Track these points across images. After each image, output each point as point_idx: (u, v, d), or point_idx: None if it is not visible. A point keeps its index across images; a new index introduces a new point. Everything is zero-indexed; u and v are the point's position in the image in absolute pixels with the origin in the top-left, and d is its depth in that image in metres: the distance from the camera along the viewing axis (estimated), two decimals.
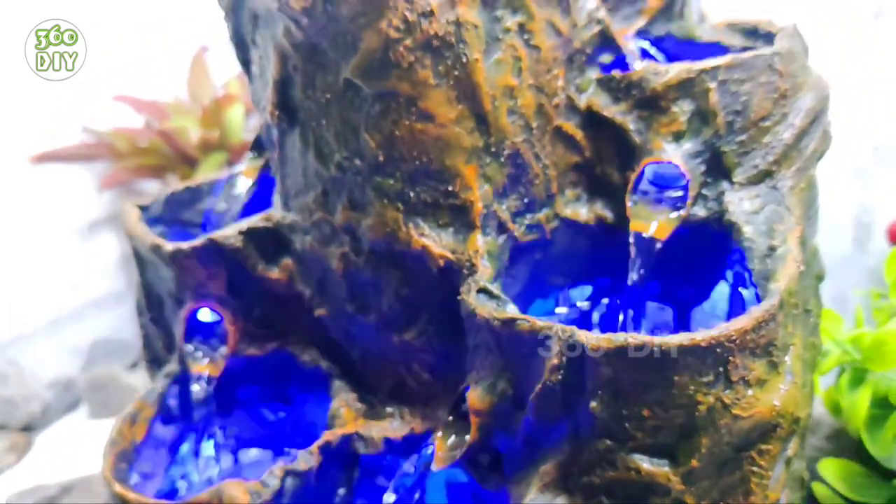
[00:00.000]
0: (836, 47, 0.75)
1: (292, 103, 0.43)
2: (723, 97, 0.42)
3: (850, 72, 0.75)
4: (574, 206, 0.46)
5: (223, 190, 0.61)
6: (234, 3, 0.43)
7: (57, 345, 1.19)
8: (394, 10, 0.38)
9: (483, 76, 0.40)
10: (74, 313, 1.20)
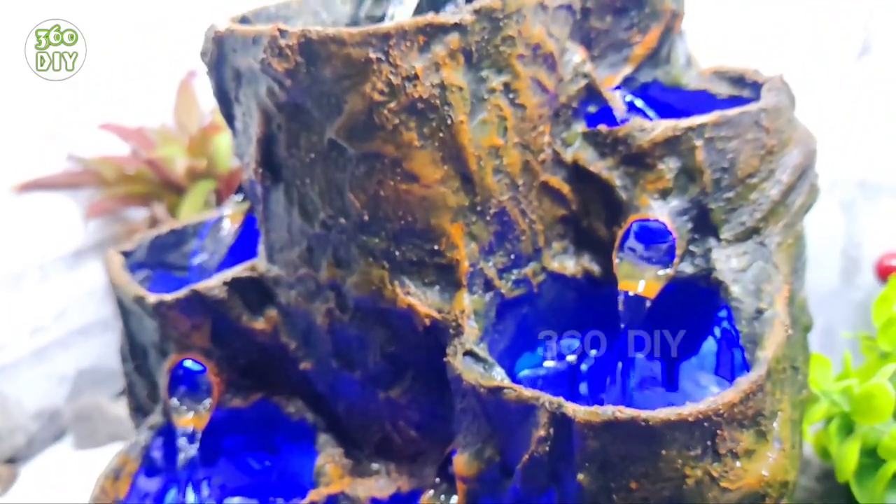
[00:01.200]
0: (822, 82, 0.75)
1: (276, 161, 0.43)
2: (709, 155, 0.42)
3: (837, 106, 0.75)
4: (561, 259, 0.46)
5: (209, 233, 0.61)
6: (216, 60, 0.43)
7: (42, 374, 1.18)
8: (378, 73, 0.37)
9: (468, 137, 0.39)
10: (60, 341, 1.19)
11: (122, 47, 1.20)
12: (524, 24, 0.40)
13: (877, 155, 0.75)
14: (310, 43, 0.37)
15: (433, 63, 0.38)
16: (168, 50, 1.26)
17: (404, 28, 0.37)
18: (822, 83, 0.75)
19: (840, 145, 0.76)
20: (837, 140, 0.76)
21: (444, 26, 0.37)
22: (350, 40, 0.37)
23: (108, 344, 1.20)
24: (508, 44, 0.40)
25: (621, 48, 0.52)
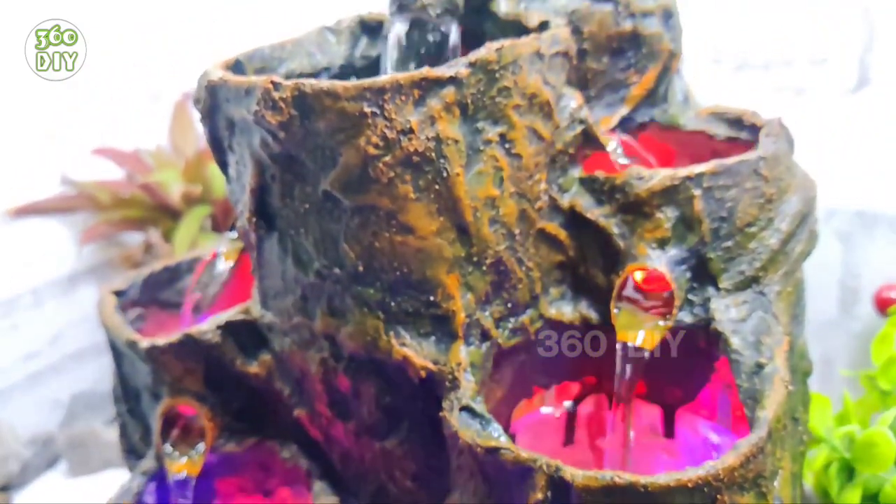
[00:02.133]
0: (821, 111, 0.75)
1: (270, 210, 0.42)
2: (708, 204, 0.42)
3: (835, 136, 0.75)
4: (558, 306, 0.45)
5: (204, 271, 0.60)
6: (209, 108, 0.42)
7: (36, 399, 1.17)
8: (373, 127, 0.37)
9: (464, 189, 0.39)
10: (54, 367, 1.18)
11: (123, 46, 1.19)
12: (520, 74, 0.40)
13: (875, 185, 0.75)
14: (304, 96, 0.37)
15: (428, 116, 0.37)
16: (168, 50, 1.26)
17: (399, 82, 0.36)
18: (821, 113, 0.74)
19: (838, 175, 0.75)
20: (836, 170, 0.75)
21: (439, 80, 0.37)
22: (345, 94, 0.36)
23: (103, 368, 1.19)
24: (504, 95, 0.39)
25: (618, 88, 0.52)
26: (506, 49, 0.39)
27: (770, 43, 0.74)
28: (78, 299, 1.19)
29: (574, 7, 0.49)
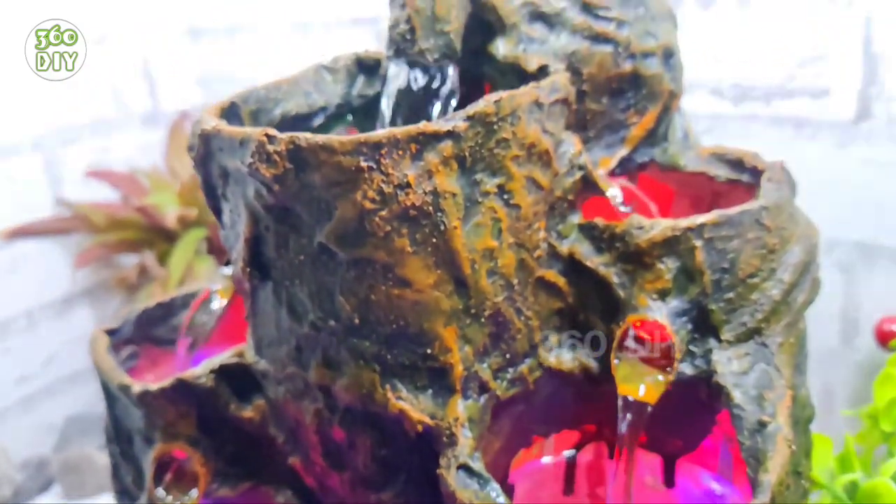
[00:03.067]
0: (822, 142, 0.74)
1: (264, 260, 0.42)
2: (709, 255, 0.41)
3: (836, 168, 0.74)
4: (558, 353, 0.44)
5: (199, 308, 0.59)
6: (202, 156, 0.42)
7: (29, 423, 1.16)
8: (369, 181, 0.36)
9: (462, 242, 0.38)
10: (48, 389, 1.17)
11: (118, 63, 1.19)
12: (519, 125, 0.39)
13: (876, 217, 0.74)
14: (299, 150, 0.36)
15: (426, 171, 0.37)
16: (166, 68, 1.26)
17: (396, 137, 0.36)
18: (822, 143, 0.74)
19: (839, 206, 0.75)
20: (837, 200, 0.75)
21: (437, 134, 0.36)
22: (341, 148, 0.36)
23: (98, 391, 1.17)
24: (503, 146, 0.39)
25: (618, 129, 0.51)
26: (504, 101, 0.38)
27: (770, 75, 0.74)
28: (72, 321, 1.19)
29: (573, 48, 0.48)
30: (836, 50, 0.70)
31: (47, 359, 1.17)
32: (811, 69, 0.72)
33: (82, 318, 1.19)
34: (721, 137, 0.79)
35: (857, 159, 0.73)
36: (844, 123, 0.72)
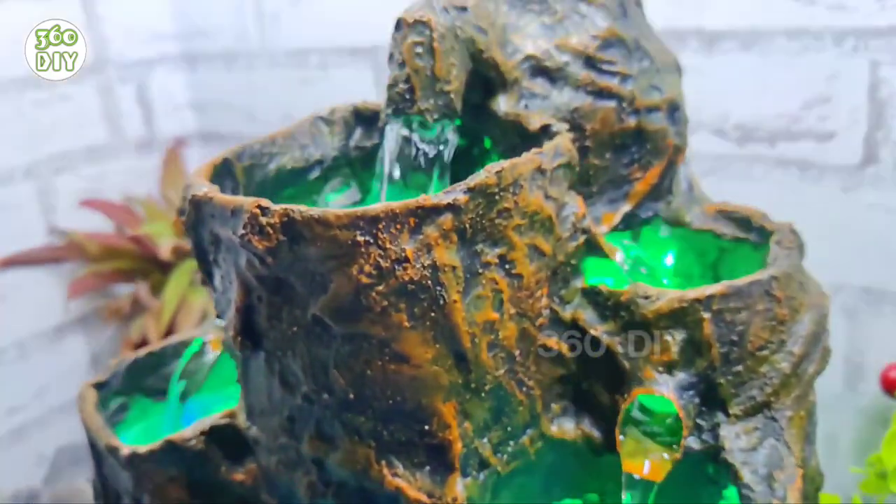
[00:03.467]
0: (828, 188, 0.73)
1: (257, 329, 0.40)
2: (718, 328, 0.40)
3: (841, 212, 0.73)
4: (560, 422, 0.43)
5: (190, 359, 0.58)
6: (194, 222, 0.40)
7: (20, 454, 1.14)
8: (366, 256, 0.35)
9: (462, 316, 0.37)
10: (39, 420, 1.15)
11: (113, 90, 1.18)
12: (521, 194, 0.38)
13: (882, 262, 0.73)
14: (293, 223, 0.35)
15: (425, 244, 0.35)
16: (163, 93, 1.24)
17: (394, 211, 0.35)
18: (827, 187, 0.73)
19: (845, 250, 0.74)
20: (842, 245, 0.74)
21: (436, 208, 0.35)
22: (336, 222, 0.35)
23: None
24: (504, 216, 0.37)
25: (621, 184, 0.50)
26: (506, 171, 0.37)
27: (775, 116, 0.73)
28: (64, 351, 1.17)
29: (576, 104, 0.47)
30: (841, 94, 0.69)
31: (39, 389, 1.15)
32: (816, 112, 0.71)
33: (75, 348, 1.17)
34: (724, 178, 0.78)
35: (862, 204, 0.71)
36: (850, 167, 0.71)
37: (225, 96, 1.21)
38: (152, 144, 1.24)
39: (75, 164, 1.15)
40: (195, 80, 1.24)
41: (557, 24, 0.48)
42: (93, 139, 1.16)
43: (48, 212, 1.12)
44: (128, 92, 1.20)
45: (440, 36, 0.42)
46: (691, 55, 0.75)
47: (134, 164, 1.22)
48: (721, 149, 0.77)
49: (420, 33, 0.42)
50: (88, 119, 1.16)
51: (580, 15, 0.48)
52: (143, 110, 1.22)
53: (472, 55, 0.44)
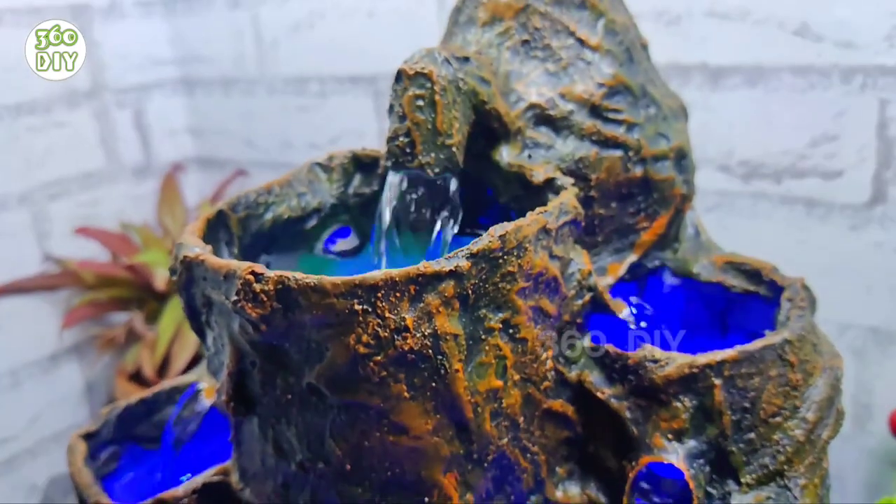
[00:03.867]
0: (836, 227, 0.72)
1: (250, 395, 0.39)
2: (729, 394, 0.38)
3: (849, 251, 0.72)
4: (565, 487, 0.41)
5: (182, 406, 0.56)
6: (185, 281, 0.39)
7: (11, 484, 1.12)
8: (364, 325, 0.33)
9: (464, 385, 0.35)
10: (31, 450, 1.13)
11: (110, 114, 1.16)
12: (525, 256, 0.36)
13: (890, 302, 0.72)
14: (288, 291, 0.33)
15: (425, 313, 0.34)
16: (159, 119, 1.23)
17: (394, 279, 0.33)
18: (834, 225, 0.72)
19: (852, 289, 0.72)
20: (850, 284, 0.72)
21: (438, 275, 0.34)
22: (333, 290, 0.33)
23: None
24: (508, 280, 0.36)
25: (627, 234, 0.49)
26: (510, 234, 0.35)
27: (781, 153, 0.72)
28: (58, 379, 1.15)
29: (581, 154, 0.46)
30: (849, 131, 0.68)
31: (32, 418, 1.13)
32: (823, 149, 0.70)
33: (69, 376, 1.16)
34: (729, 214, 0.76)
35: (870, 243, 0.70)
36: (858, 206, 0.70)
37: (223, 122, 1.20)
38: (149, 170, 1.22)
39: (71, 190, 1.13)
40: (193, 105, 1.23)
41: (562, 72, 0.47)
42: (89, 165, 1.15)
43: (43, 239, 1.11)
44: (125, 117, 1.18)
45: (442, 89, 0.41)
46: (695, 90, 0.74)
47: (130, 189, 1.20)
48: (726, 185, 0.75)
49: (421, 86, 0.41)
50: (84, 145, 1.14)
51: (585, 62, 0.47)
52: (140, 135, 1.21)
53: (474, 107, 0.43)
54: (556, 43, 0.47)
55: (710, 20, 0.71)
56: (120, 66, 1.16)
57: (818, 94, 0.68)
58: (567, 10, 0.47)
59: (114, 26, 1.14)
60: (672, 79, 0.74)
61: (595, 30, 0.48)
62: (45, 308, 1.12)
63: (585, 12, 0.48)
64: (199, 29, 1.15)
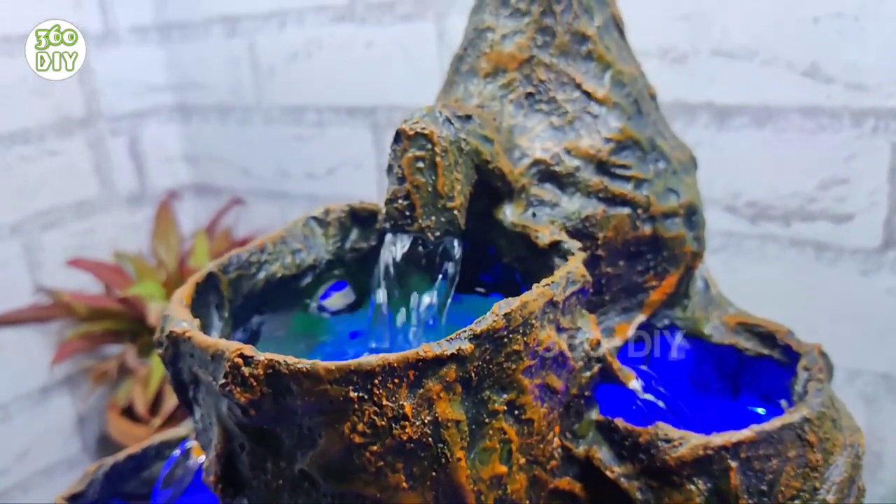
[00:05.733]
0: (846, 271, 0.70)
1: (239, 477, 0.36)
2: (746, 477, 0.36)
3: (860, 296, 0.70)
4: None
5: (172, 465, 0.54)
6: (172, 356, 0.37)
7: None
8: (359, 413, 0.31)
9: (466, 474, 0.33)
10: (21, 485, 1.11)
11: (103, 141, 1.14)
12: (531, 333, 0.34)
13: None
14: (279, 376, 0.31)
15: (425, 399, 0.32)
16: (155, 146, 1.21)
17: (391, 364, 0.31)
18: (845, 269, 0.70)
19: (863, 335, 0.70)
20: (860, 329, 0.70)
21: (439, 359, 0.32)
22: (327, 377, 0.31)
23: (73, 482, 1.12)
24: (513, 359, 0.34)
25: (635, 293, 0.47)
26: (515, 312, 0.33)
27: (790, 195, 0.70)
28: (49, 412, 1.13)
29: (588, 213, 0.44)
30: (860, 175, 0.66)
31: (22, 452, 1.11)
32: (833, 192, 0.68)
33: (60, 409, 1.13)
34: (735, 255, 0.74)
35: (882, 288, 0.68)
36: (869, 250, 0.68)
37: (219, 149, 1.18)
38: (144, 197, 1.21)
39: (64, 219, 1.11)
40: (189, 132, 1.21)
41: (567, 126, 0.45)
42: (82, 194, 1.13)
43: (35, 269, 1.09)
44: (119, 144, 1.17)
45: (443, 150, 0.39)
46: (702, 129, 0.72)
47: (124, 218, 1.19)
48: (733, 226, 0.74)
49: (421, 147, 0.39)
50: (78, 173, 1.13)
51: (592, 115, 0.45)
52: (135, 163, 1.19)
53: (477, 166, 0.41)
54: (562, 96, 0.45)
55: (717, 59, 0.70)
56: (115, 92, 1.14)
57: (828, 137, 0.66)
58: (573, 62, 0.46)
59: (109, 53, 1.13)
60: (678, 117, 0.72)
61: (602, 82, 0.46)
62: (37, 340, 1.10)
63: (592, 64, 0.46)
64: (196, 55, 1.14)
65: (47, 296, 1.08)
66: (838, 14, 0.63)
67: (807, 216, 0.69)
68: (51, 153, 1.09)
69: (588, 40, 0.46)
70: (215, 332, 0.42)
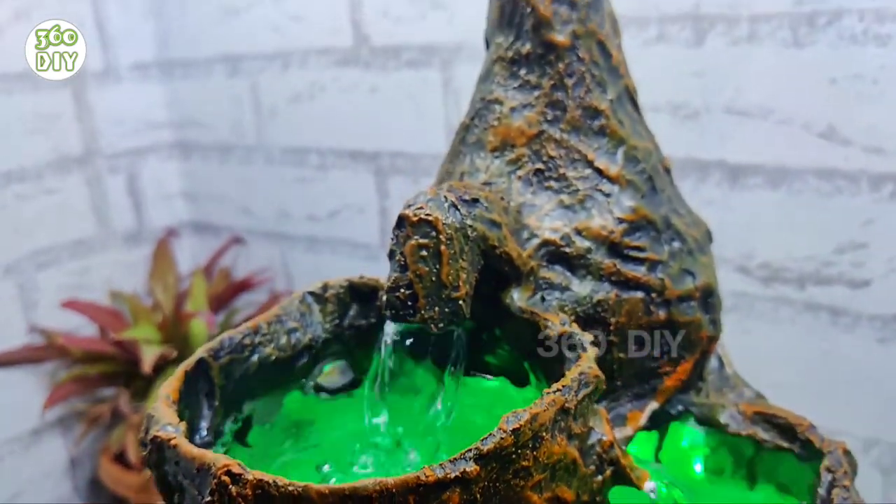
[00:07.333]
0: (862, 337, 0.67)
1: None
2: None
3: (876, 364, 0.67)
4: None
5: None
6: (157, 460, 0.34)
7: None
8: None
9: None
10: None
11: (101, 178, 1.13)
12: (542, 447, 0.32)
13: None
14: (269, 498, 0.29)
15: None
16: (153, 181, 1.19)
17: (389, 489, 0.29)
18: (861, 336, 0.67)
19: (880, 403, 0.68)
20: (877, 398, 0.68)
21: (442, 482, 0.29)
22: (320, 501, 0.29)
23: None
24: (522, 476, 0.32)
25: (648, 378, 0.44)
26: (524, 427, 0.31)
27: (804, 258, 0.68)
28: (41, 454, 1.10)
29: (599, 297, 0.42)
30: (878, 240, 0.64)
31: (13, 495, 1.08)
32: (850, 257, 0.66)
33: (52, 452, 1.11)
34: (747, 317, 0.72)
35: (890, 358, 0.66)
36: (887, 317, 0.65)
37: (219, 188, 1.16)
38: (141, 236, 1.19)
39: (60, 258, 1.09)
40: (188, 170, 1.19)
41: (578, 205, 0.43)
42: (79, 232, 1.11)
43: (29, 309, 1.07)
44: (117, 182, 1.15)
45: (448, 238, 0.37)
46: (714, 187, 0.70)
47: (121, 256, 1.17)
48: (744, 287, 0.71)
49: (425, 235, 0.37)
50: (74, 212, 1.11)
51: (604, 194, 0.43)
52: (133, 201, 1.17)
53: (483, 252, 0.39)
54: (573, 173, 0.43)
55: (730, 117, 0.68)
56: (114, 130, 1.13)
57: (845, 200, 0.64)
58: (585, 137, 0.44)
59: (109, 90, 1.11)
60: (689, 174, 0.70)
61: (615, 158, 0.44)
62: (30, 380, 1.07)
63: (604, 139, 0.44)
64: (197, 94, 1.12)
65: (41, 336, 1.06)
66: (857, 76, 0.62)
67: (823, 280, 0.67)
68: (47, 191, 1.07)
69: (601, 115, 0.44)
70: (205, 422, 0.40)
